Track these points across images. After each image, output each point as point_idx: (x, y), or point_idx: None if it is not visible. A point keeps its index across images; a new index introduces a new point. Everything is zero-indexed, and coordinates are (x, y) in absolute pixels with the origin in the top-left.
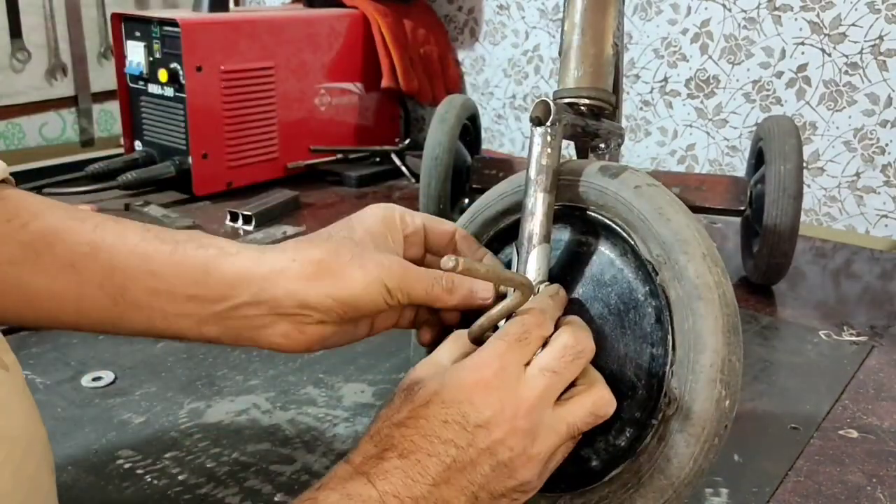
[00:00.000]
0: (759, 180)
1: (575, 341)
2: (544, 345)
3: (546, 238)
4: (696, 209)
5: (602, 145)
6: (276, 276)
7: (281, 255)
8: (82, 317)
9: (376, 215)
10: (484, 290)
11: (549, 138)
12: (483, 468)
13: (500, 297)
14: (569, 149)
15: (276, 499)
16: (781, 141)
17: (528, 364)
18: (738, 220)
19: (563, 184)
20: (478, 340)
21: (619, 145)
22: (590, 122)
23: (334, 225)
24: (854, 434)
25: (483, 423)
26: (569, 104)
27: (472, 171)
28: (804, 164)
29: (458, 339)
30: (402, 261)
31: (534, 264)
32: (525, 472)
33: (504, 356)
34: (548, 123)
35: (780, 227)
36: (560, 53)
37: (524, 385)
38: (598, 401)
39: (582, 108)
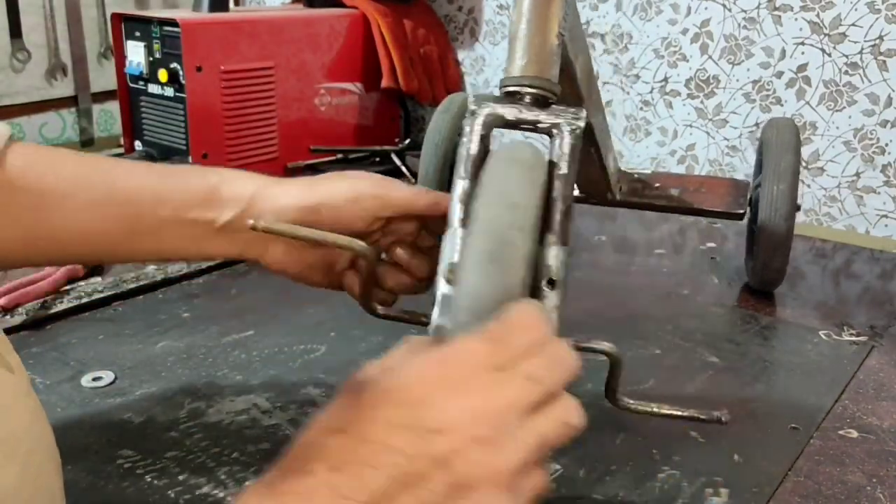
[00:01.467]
0: (760, 185)
1: (569, 356)
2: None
3: (463, 222)
4: (694, 212)
5: (554, 131)
6: (263, 191)
7: (269, 181)
8: (104, 249)
9: (341, 193)
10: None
11: (467, 128)
12: (434, 484)
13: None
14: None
15: None
16: (777, 157)
17: (503, 368)
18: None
19: None
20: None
21: (576, 131)
22: (525, 111)
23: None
24: (854, 434)
25: (440, 427)
26: (512, 93)
27: None
28: (804, 165)
29: (413, 344)
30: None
31: (448, 247)
32: (486, 496)
33: (477, 353)
34: (466, 115)
35: (772, 246)
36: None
37: (496, 390)
38: (569, 408)
39: (526, 96)
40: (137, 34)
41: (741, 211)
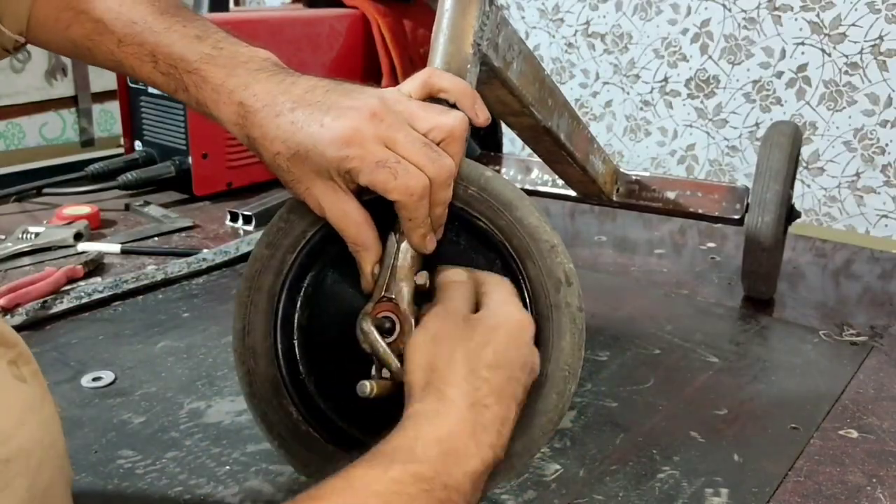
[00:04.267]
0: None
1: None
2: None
3: None
4: (691, 216)
5: None
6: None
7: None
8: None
9: None
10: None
11: None
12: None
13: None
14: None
15: (276, 499)
16: (766, 185)
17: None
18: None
19: None
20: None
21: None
22: None
23: None
24: (854, 434)
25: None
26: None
27: None
28: (804, 165)
29: (461, 288)
30: None
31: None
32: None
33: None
34: None
35: (759, 274)
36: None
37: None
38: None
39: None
40: None
41: (738, 216)
